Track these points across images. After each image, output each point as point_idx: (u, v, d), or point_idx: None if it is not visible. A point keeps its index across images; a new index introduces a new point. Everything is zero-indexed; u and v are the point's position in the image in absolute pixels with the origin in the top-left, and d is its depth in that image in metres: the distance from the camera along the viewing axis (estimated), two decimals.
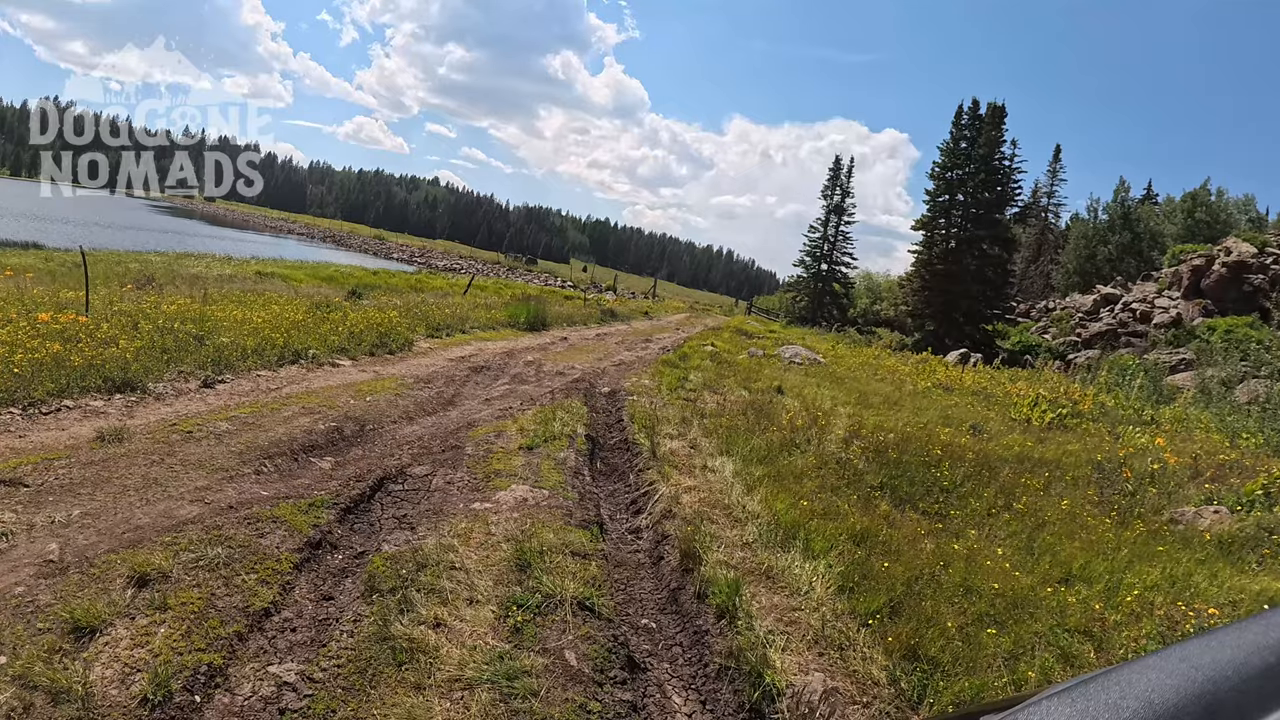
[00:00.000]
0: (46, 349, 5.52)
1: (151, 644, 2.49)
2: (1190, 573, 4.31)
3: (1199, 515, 5.50)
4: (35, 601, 2.61)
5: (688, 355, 12.27)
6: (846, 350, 21.00)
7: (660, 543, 4.27)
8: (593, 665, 2.84)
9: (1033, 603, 3.62)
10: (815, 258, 46.07)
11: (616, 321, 19.53)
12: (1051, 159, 52.59)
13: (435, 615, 2.94)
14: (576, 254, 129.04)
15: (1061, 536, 4.72)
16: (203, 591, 2.85)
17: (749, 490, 4.97)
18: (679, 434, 6.43)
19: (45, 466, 3.85)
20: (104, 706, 2.19)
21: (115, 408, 5.13)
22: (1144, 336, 25.17)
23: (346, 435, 5.21)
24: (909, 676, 2.92)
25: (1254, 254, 24.12)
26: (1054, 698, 0.47)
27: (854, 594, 3.55)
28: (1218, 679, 0.44)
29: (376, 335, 8.95)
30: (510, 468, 4.99)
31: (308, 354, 7.50)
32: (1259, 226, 34.55)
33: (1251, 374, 17.45)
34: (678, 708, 2.87)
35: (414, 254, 65.91)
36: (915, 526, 4.62)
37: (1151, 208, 42.29)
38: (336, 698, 2.42)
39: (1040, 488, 5.85)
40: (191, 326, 7.25)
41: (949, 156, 36.75)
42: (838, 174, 46.58)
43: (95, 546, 3.05)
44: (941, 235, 36.50)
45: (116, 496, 3.61)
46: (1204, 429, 11.33)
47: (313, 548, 3.45)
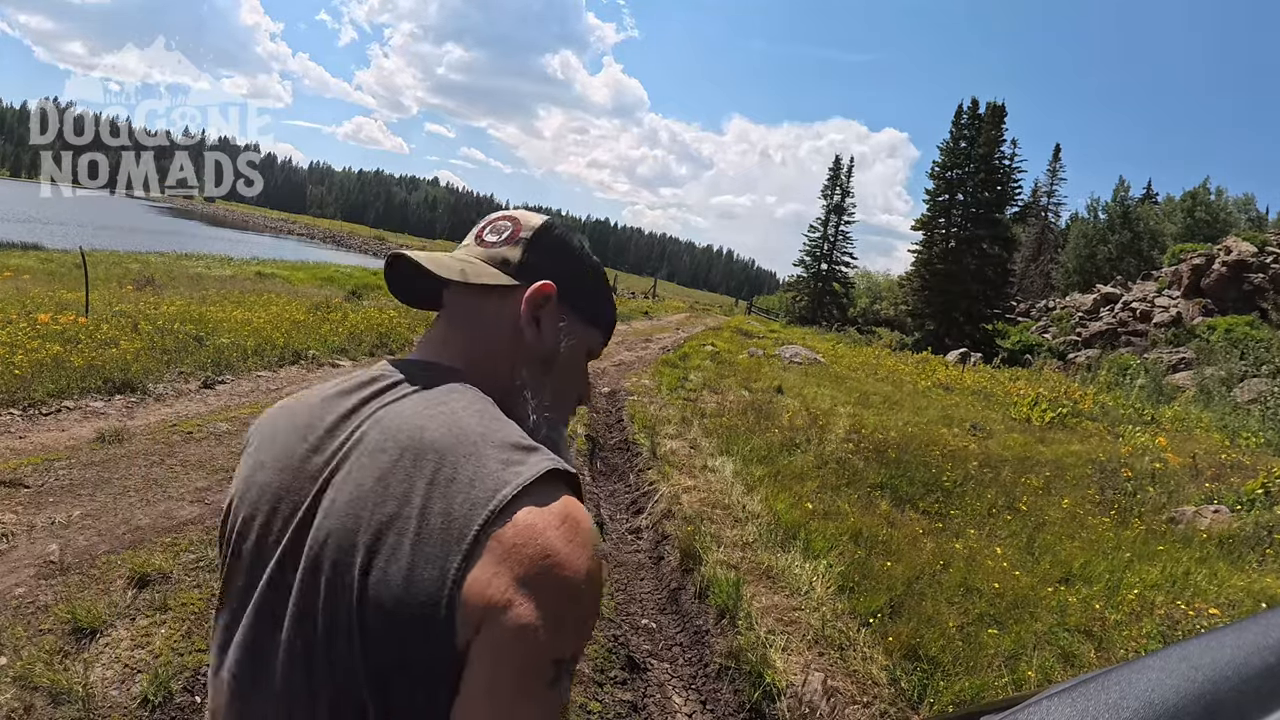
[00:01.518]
0: (46, 350, 5.52)
1: (152, 645, 2.49)
2: (1190, 572, 4.31)
3: (1199, 514, 5.50)
4: (36, 602, 2.61)
5: (688, 355, 12.28)
6: (847, 350, 21.02)
7: (660, 543, 4.28)
8: (593, 665, 2.84)
9: (1033, 602, 3.62)
10: (815, 257, 46.09)
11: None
12: (1051, 158, 52.59)
13: None
14: None
15: (1062, 536, 4.72)
16: (203, 592, 2.85)
17: (749, 490, 4.97)
18: (679, 434, 6.43)
19: (46, 467, 3.85)
20: (104, 707, 2.19)
21: (115, 409, 5.13)
22: (1144, 336, 25.18)
23: None
24: (909, 676, 2.92)
25: (1254, 253, 24.13)
26: (1054, 698, 0.47)
27: (854, 594, 3.55)
28: (1218, 679, 0.44)
29: (377, 336, 8.95)
30: None
31: (308, 355, 7.50)
32: (1259, 226, 34.56)
33: (1251, 373, 17.46)
34: (678, 708, 2.87)
35: None
36: (915, 526, 4.62)
37: (1151, 207, 42.29)
38: None
39: (1040, 487, 5.85)
40: (191, 327, 7.25)
41: (949, 156, 36.77)
42: (837, 173, 46.61)
43: (96, 547, 3.06)
44: (941, 235, 36.51)
45: (117, 497, 3.61)
46: (1204, 428, 11.34)
47: None
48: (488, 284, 0.76)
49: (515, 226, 0.80)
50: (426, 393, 0.71)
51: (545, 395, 0.78)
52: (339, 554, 0.63)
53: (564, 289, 0.78)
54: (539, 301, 0.76)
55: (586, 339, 0.83)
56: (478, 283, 0.75)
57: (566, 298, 0.79)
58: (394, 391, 0.71)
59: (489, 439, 0.65)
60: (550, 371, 0.79)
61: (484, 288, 0.76)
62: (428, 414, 0.67)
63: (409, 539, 0.61)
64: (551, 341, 0.78)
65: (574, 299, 0.80)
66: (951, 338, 31.87)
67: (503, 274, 0.77)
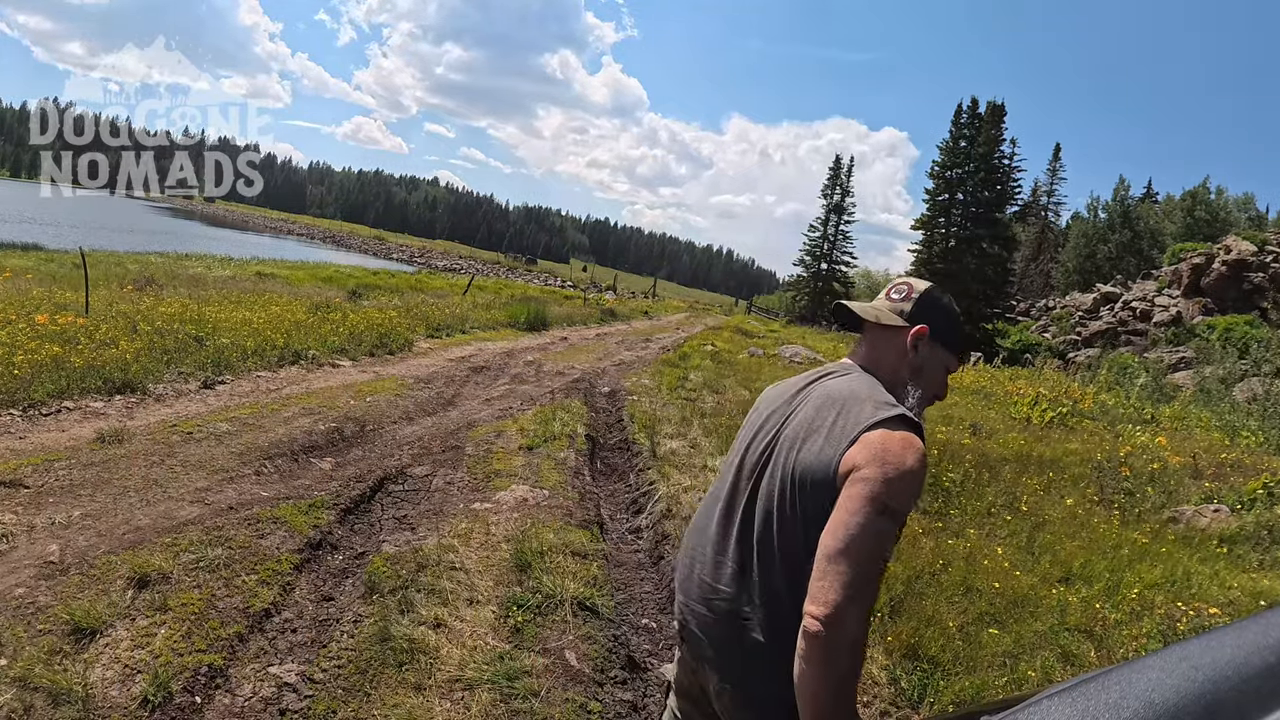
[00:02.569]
0: (46, 350, 5.52)
1: (152, 645, 2.49)
2: (1190, 572, 4.31)
3: (1199, 514, 5.50)
4: (35, 603, 2.61)
5: (688, 355, 12.27)
6: (847, 349, 20.96)
7: (661, 542, 4.27)
8: (593, 665, 2.84)
9: (1033, 602, 3.62)
10: (815, 257, 46.10)
11: (616, 321, 19.53)
12: (1051, 158, 52.61)
13: (435, 616, 2.94)
14: (576, 254, 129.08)
15: (1062, 536, 4.72)
16: (203, 592, 2.85)
17: None
18: (679, 434, 6.43)
19: (45, 468, 3.85)
20: (104, 708, 2.19)
21: (115, 409, 5.12)
22: (1144, 335, 25.18)
23: (346, 436, 5.21)
24: (909, 676, 2.92)
25: (1254, 252, 24.12)
26: (1054, 698, 0.47)
27: None
28: (1218, 679, 0.44)
29: (376, 336, 8.94)
30: (510, 468, 4.99)
31: (308, 355, 7.50)
32: (1259, 225, 34.55)
33: (1251, 372, 17.45)
34: None
35: (414, 254, 65.85)
36: (915, 525, 4.62)
37: (1151, 206, 42.29)
38: (337, 698, 2.42)
39: (1040, 487, 5.84)
40: (191, 328, 7.25)
41: (948, 155, 36.75)
42: (837, 173, 46.63)
43: (95, 548, 3.05)
44: (941, 234, 36.50)
45: (117, 498, 3.61)
46: (1204, 427, 11.33)
47: (313, 548, 3.45)
48: (889, 324, 1.38)
49: (909, 289, 1.40)
50: (846, 377, 1.35)
51: (916, 389, 1.36)
52: (791, 443, 1.28)
53: (933, 330, 1.37)
54: (918, 337, 1.36)
55: (944, 360, 1.40)
56: (884, 323, 1.38)
57: (935, 335, 1.37)
58: (830, 376, 1.39)
59: (871, 398, 1.26)
60: (920, 377, 1.37)
61: (888, 326, 1.38)
62: (843, 385, 1.32)
63: (822, 437, 1.23)
64: (922, 360, 1.37)
65: (939, 335, 1.38)
66: None
67: (898, 319, 1.37)
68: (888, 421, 1.19)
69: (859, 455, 1.15)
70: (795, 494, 1.23)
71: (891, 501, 1.11)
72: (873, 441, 1.16)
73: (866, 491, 1.11)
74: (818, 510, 1.18)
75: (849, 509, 1.11)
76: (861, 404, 1.24)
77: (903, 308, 1.38)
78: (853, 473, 1.14)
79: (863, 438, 1.17)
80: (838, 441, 1.20)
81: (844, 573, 1.07)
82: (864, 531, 1.09)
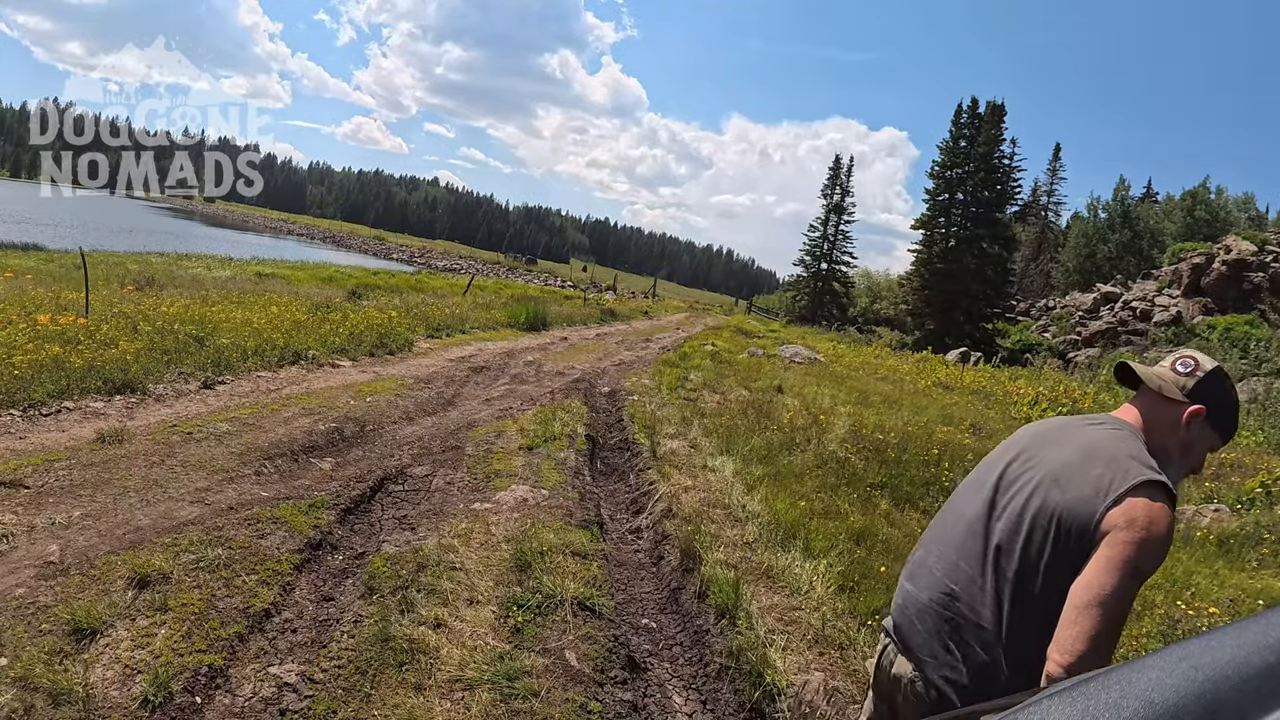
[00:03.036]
0: (46, 351, 5.52)
1: (152, 645, 2.49)
2: (1190, 571, 4.31)
3: (1199, 513, 5.50)
4: (36, 603, 2.61)
5: (688, 355, 12.27)
6: (846, 349, 21.02)
7: (660, 542, 4.27)
8: (593, 665, 2.84)
9: None
10: (815, 257, 46.08)
11: (616, 321, 19.52)
12: (1051, 158, 52.62)
13: (436, 616, 2.94)
14: (576, 254, 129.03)
15: None
16: (203, 592, 2.85)
17: (749, 490, 4.97)
18: (679, 433, 6.43)
19: (46, 468, 3.85)
20: (105, 708, 2.19)
21: (115, 409, 5.12)
22: (1144, 335, 25.18)
23: (347, 436, 5.21)
24: None
25: (1254, 252, 24.13)
26: (1054, 697, 0.47)
27: (854, 593, 3.55)
28: (1218, 679, 0.44)
29: (376, 336, 8.94)
30: (510, 468, 4.99)
31: (308, 355, 7.50)
32: (1259, 225, 34.54)
33: (1251, 372, 17.46)
34: (678, 707, 2.87)
35: (414, 254, 65.85)
36: (915, 525, 4.62)
37: (1151, 206, 42.27)
38: (337, 698, 2.42)
39: None
40: (191, 328, 7.25)
41: (948, 155, 36.74)
42: (837, 173, 46.61)
43: (96, 548, 3.05)
44: (941, 234, 36.49)
45: (117, 498, 3.61)
46: None
47: (313, 548, 3.45)
48: (1170, 397, 1.44)
49: (1195, 366, 1.46)
50: (1115, 432, 1.44)
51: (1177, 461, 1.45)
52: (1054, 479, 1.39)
53: (1210, 412, 1.43)
54: (1194, 416, 1.43)
55: (1212, 441, 1.48)
56: (1166, 395, 1.45)
57: (1209, 416, 1.43)
58: (1100, 426, 1.47)
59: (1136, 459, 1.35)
60: (1186, 453, 1.46)
61: (1167, 397, 1.45)
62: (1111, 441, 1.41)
63: (1088, 486, 1.33)
64: (1193, 438, 1.45)
65: (1213, 418, 1.44)
66: (951, 337, 31.86)
67: (1179, 393, 1.44)
68: (1151, 488, 1.29)
69: (1121, 518, 1.26)
70: (1049, 527, 1.35)
71: (1143, 566, 1.24)
72: (1136, 508, 1.26)
73: (1123, 555, 1.22)
74: (1064, 551, 1.31)
75: (1105, 568, 1.22)
76: (1128, 465, 1.33)
77: (1186, 383, 1.44)
78: (1113, 532, 1.25)
79: (1128, 501, 1.27)
80: (1103, 496, 1.30)
81: (1092, 627, 1.18)
82: (1115, 592, 1.20)
